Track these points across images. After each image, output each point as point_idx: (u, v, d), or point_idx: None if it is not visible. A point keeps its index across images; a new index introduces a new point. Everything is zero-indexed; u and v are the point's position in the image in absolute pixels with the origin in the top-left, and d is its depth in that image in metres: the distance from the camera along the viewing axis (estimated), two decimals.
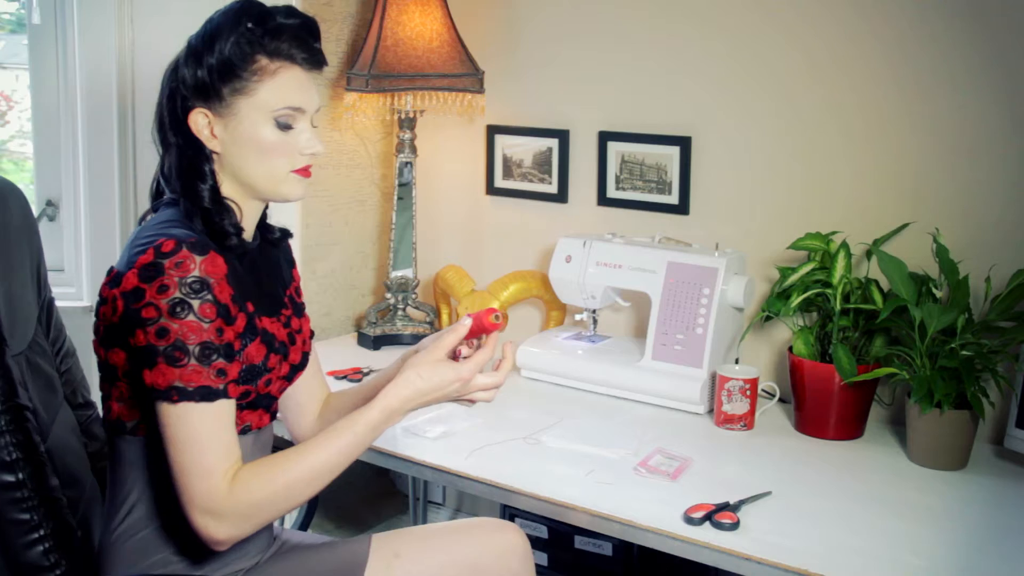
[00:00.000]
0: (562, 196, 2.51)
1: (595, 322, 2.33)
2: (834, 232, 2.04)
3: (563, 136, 2.48)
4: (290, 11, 1.42)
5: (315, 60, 1.44)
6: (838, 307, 1.95)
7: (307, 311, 1.64)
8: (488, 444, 1.88)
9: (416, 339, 2.52)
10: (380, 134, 2.70)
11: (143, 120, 2.42)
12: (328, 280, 2.63)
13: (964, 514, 1.65)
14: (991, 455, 1.91)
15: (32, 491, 1.40)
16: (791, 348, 2.02)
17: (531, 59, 2.51)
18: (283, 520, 2.46)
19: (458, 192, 2.70)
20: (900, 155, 2.05)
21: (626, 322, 2.47)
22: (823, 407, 1.95)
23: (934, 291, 1.87)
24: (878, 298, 1.95)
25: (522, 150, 2.56)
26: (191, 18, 1.46)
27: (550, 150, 2.51)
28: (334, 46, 2.54)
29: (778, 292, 2.04)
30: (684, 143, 2.29)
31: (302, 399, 1.66)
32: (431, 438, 1.90)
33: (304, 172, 1.45)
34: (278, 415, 1.67)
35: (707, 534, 1.53)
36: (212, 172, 1.43)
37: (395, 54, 2.36)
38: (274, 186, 1.44)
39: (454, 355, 1.49)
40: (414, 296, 2.59)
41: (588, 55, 2.43)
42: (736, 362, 2.10)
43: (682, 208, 2.32)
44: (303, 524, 2.34)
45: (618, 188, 2.41)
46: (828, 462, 1.85)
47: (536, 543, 2.25)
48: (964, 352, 1.80)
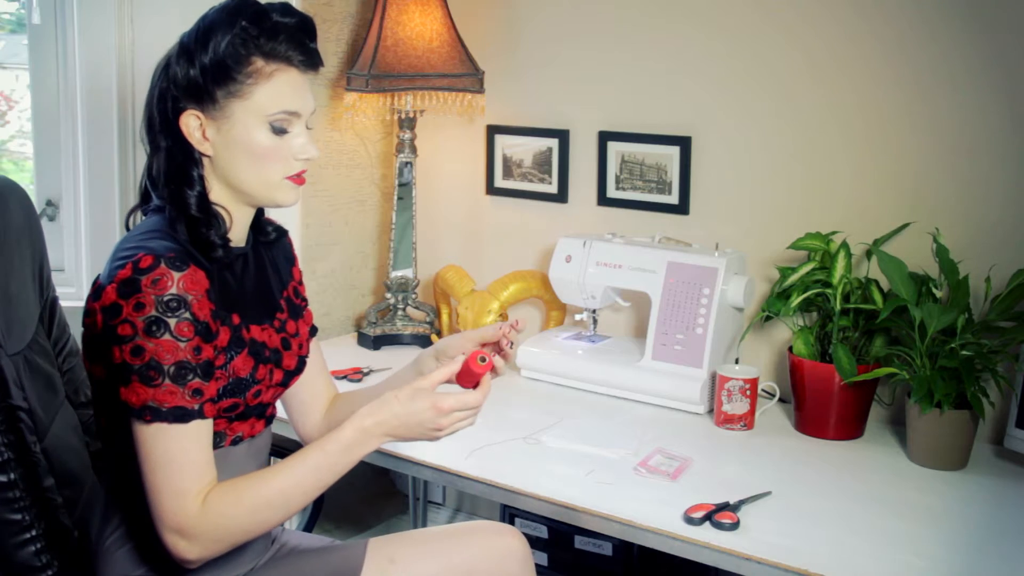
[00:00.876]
0: (562, 196, 2.51)
1: (595, 322, 2.33)
2: (834, 232, 2.04)
3: (563, 136, 2.48)
4: (286, 9, 1.37)
5: (312, 61, 1.40)
6: (838, 307, 1.95)
7: (309, 309, 1.61)
8: (488, 444, 1.88)
9: (416, 339, 2.53)
10: (380, 134, 2.69)
11: None
12: (328, 280, 2.63)
13: (964, 514, 1.65)
14: (991, 455, 1.91)
15: (24, 491, 1.39)
16: (791, 348, 2.02)
17: (531, 59, 2.51)
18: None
19: (458, 192, 2.70)
20: (900, 155, 2.05)
21: (626, 322, 2.47)
22: (823, 407, 1.95)
23: (934, 291, 1.87)
24: (878, 298, 1.95)
25: (522, 150, 2.56)
26: (191, 18, 1.43)
27: (550, 150, 2.51)
28: (334, 46, 2.54)
29: (778, 292, 2.04)
30: (684, 143, 2.29)
31: (306, 397, 1.63)
32: None
33: (298, 179, 1.41)
34: (284, 416, 1.66)
35: (707, 534, 1.53)
36: (201, 177, 1.38)
37: (395, 54, 2.36)
38: (267, 192, 1.40)
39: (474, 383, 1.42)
40: (414, 296, 2.59)
41: (588, 55, 2.43)
42: (736, 362, 2.10)
43: (682, 208, 2.32)
44: (307, 525, 2.34)
45: (618, 188, 2.41)
46: (828, 462, 1.85)
47: (536, 543, 2.25)
48: (964, 352, 1.80)
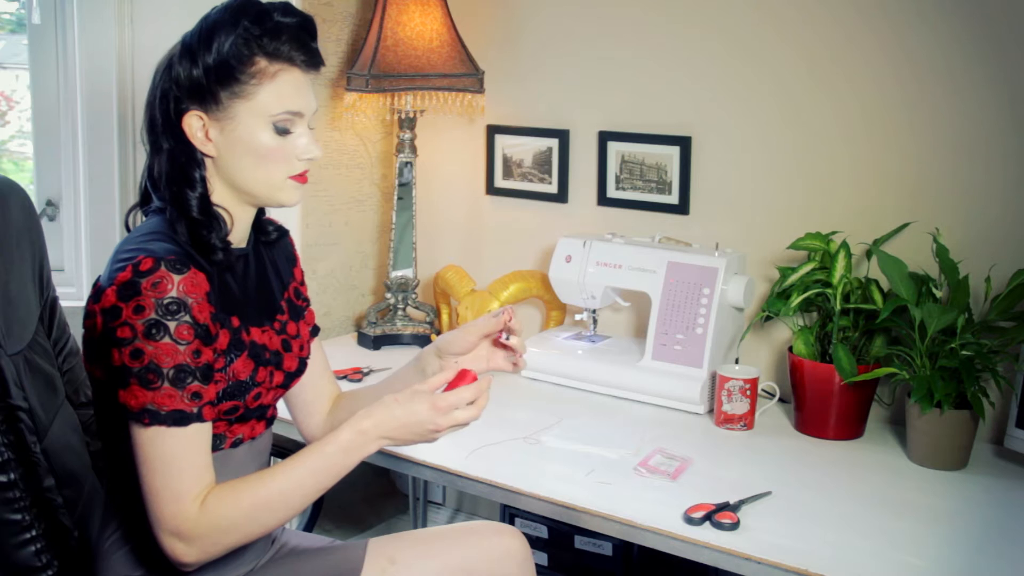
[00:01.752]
0: (562, 196, 2.51)
1: (595, 322, 2.33)
2: (834, 232, 2.04)
3: (563, 136, 2.48)
4: (287, 9, 1.36)
5: (314, 61, 1.39)
6: (838, 307, 1.95)
7: (311, 310, 1.60)
8: (488, 444, 1.88)
9: (416, 339, 2.52)
10: (380, 134, 2.69)
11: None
12: (328, 280, 2.63)
13: (964, 514, 1.65)
14: (991, 455, 1.91)
15: (24, 491, 1.39)
16: (791, 348, 2.02)
17: (531, 59, 2.51)
18: None
19: (458, 192, 2.69)
20: (900, 155, 2.05)
21: (626, 322, 2.47)
22: (823, 407, 1.95)
23: (934, 291, 1.87)
24: (878, 298, 1.95)
25: (522, 150, 2.56)
26: (191, 18, 1.42)
27: (550, 150, 2.51)
28: (334, 46, 2.54)
29: (778, 292, 2.04)
30: (684, 143, 2.29)
31: (309, 397, 1.62)
32: None
33: (301, 178, 1.41)
34: (287, 416, 1.66)
35: (707, 534, 1.53)
36: (203, 179, 1.38)
37: (395, 54, 2.36)
38: (270, 192, 1.40)
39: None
40: (414, 296, 2.59)
41: (588, 55, 2.43)
42: (736, 362, 2.10)
43: (682, 208, 2.32)
44: (307, 525, 2.34)
45: (618, 188, 2.41)
46: (828, 462, 1.85)
47: (536, 543, 2.25)
48: (964, 352, 1.80)
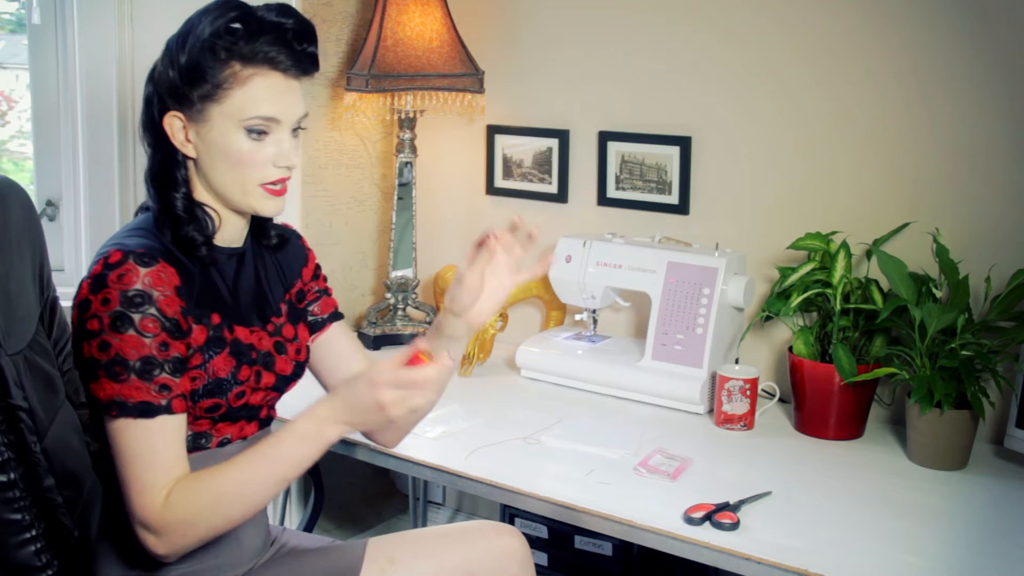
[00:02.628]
0: (562, 196, 2.51)
1: (595, 322, 2.33)
2: (834, 232, 2.04)
3: (563, 136, 2.48)
4: (280, 9, 1.33)
5: (300, 66, 1.34)
6: (838, 307, 1.95)
7: (330, 299, 1.63)
8: (488, 444, 1.88)
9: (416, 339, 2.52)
10: (380, 134, 2.69)
11: None
12: (328, 280, 2.62)
13: (964, 514, 1.65)
14: (991, 455, 1.91)
15: (24, 491, 1.39)
16: (791, 348, 2.02)
17: (531, 59, 2.51)
18: (283, 521, 2.46)
19: (458, 192, 2.69)
20: (900, 155, 2.05)
21: (626, 322, 2.47)
22: (823, 407, 1.94)
23: (934, 291, 1.87)
24: (878, 298, 1.95)
25: (522, 150, 2.56)
26: None
27: (550, 150, 2.51)
28: (334, 46, 2.53)
29: (778, 292, 2.04)
30: (684, 143, 2.29)
31: (334, 382, 1.60)
32: (431, 438, 1.90)
33: (274, 188, 1.36)
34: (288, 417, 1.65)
35: (707, 534, 1.53)
36: (186, 179, 1.37)
37: (395, 54, 2.36)
38: (244, 198, 1.36)
39: None
40: (414, 296, 2.59)
41: (588, 55, 2.42)
42: (736, 362, 2.10)
43: (682, 208, 2.32)
44: (307, 525, 2.34)
45: (618, 188, 2.41)
46: (828, 462, 1.85)
47: (536, 543, 2.25)
48: (964, 352, 1.80)
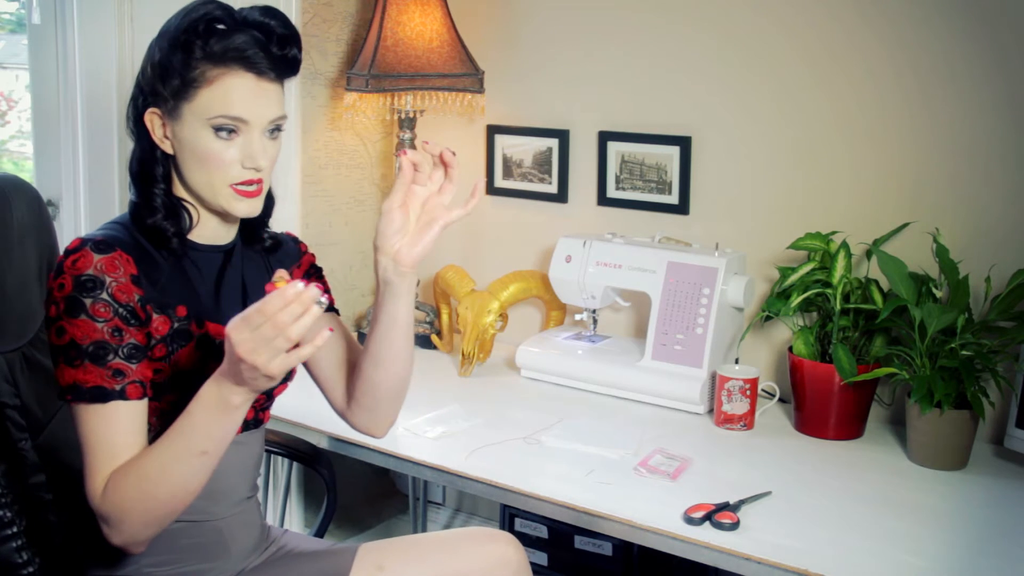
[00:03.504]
0: (562, 196, 2.51)
1: (595, 322, 2.33)
2: (834, 232, 2.04)
3: (563, 136, 2.48)
4: (263, 10, 1.32)
5: (275, 68, 1.32)
6: (838, 307, 1.95)
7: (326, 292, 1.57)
8: (488, 444, 1.88)
9: (416, 339, 2.52)
10: (380, 134, 2.69)
11: None
12: (328, 280, 2.62)
13: (964, 514, 1.65)
14: (991, 455, 1.91)
15: (6, 488, 1.39)
16: (791, 348, 2.02)
17: (531, 59, 2.51)
18: (283, 522, 2.46)
19: (458, 192, 2.68)
20: (900, 155, 2.05)
21: (626, 322, 2.47)
22: (823, 407, 1.94)
23: (934, 291, 1.87)
24: (878, 298, 1.95)
25: (522, 150, 2.56)
26: None
27: (550, 150, 2.51)
28: (334, 46, 2.54)
29: (778, 292, 2.04)
30: (684, 143, 2.29)
31: (327, 373, 1.54)
32: (431, 438, 1.90)
33: (245, 189, 1.34)
34: (293, 418, 1.64)
35: (707, 534, 1.53)
36: (164, 175, 1.37)
37: (395, 54, 2.36)
38: (214, 198, 1.35)
39: None
40: (414, 296, 2.59)
41: (588, 55, 2.42)
42: (736, 362, 2.10)
43: (682, 208, 2.32)
44: (319, 530, 2.31)
45: (618, 188, 2.41)
46: (828, 462, 1.85)
47: (536, 543, 2.25)
48: (964, 352, 1.80)
